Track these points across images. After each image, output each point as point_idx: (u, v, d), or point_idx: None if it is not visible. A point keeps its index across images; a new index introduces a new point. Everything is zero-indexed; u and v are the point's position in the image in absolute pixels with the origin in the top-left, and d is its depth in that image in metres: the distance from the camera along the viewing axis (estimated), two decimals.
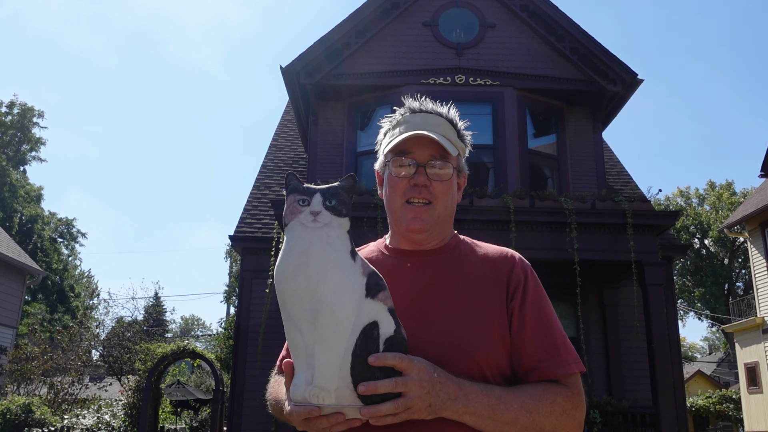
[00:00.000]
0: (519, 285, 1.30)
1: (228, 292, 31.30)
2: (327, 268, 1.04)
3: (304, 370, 1.06)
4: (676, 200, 39.80)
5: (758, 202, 17.61)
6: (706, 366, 37.54)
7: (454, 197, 1.41)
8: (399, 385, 1.06)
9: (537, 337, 1.27)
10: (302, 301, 1.04)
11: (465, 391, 1.13)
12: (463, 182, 1.47)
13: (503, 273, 1.32)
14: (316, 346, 1.04)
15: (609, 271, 8.73)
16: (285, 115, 13.69)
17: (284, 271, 1.06)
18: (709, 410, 22.14)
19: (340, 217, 1.08)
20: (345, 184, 1.14)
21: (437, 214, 1.36)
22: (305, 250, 1.05)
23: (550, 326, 1.29)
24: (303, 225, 1.07)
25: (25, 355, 14.47)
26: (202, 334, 45.94)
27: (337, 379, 1.04)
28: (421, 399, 1.07)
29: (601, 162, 10.07)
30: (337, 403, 1.04)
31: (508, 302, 1.29)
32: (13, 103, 34.63)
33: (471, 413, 1.13)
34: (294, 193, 1.11)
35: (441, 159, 1.35)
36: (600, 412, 7.40)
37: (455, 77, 9.68)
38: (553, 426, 1.20)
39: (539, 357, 1.26)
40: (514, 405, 1.16)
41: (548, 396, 1.21)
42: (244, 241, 9.24)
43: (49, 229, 35.80)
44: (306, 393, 1.05)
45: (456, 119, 1.43)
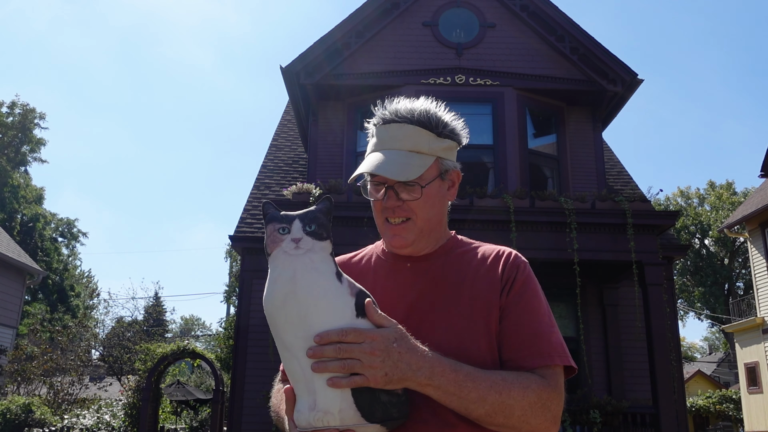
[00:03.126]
0: (509, 280, 1.29)
1: (228, 292, 31.25)
2: (315, 293, 1.05)
3: (305, 395, 1.07)
4: (676, 200, 39.81)
5: (758, 202, 17.61)
6: (706, 366, 37.55)
7: (437, 204, 1.35)
8: (343, 350, 1.05)
9: (517, 327, 1.26)
10: (296, 329, 1.05)
11: (430, 363, 1.11)
12: (455, 179, 1.40)
13: (497, 272, 1.31)
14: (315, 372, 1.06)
15: (609, 271, 8.73)
16: (285, 115, 13.69)
17: (273, 300, 1.07)
18: (709, 410, 22.14)
19: (322, 240, 1.08)
20: (322, 207, 1.14)
21: (418, 228, 1.33)
22: (291, 278, 1.05)
23: (534, 317, 1.27)
24: (286, 253, 1.07)
25: (25, 355, 14.48)
26: (202, 334, 45.95)
27: (339, 401, 1.04)
28: (373, 366, 1.06)
29: (601, 162, 10.07)
30: (342, 424, 1.05)
31: (500, 299, 1.29)
32: (14, 103, 34.62)
33: (435, 387, 1.11)
34: (273, 222, 1.11)
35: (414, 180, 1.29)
36: (600, 412, 7.41)
37: (455, 77, 9.68)
38: (523, 413, 1.16)
39: (517, 346, 1.24)
40: (483, 384, 1.14)
41: (522, 382, 1.18)
42: (245, 241, 9.24)
43: (49, 229, 35.81)
44: (310, 418, 1.05)
45: (433, 117, 1.33)
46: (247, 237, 9.28)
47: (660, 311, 7.75)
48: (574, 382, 8.60)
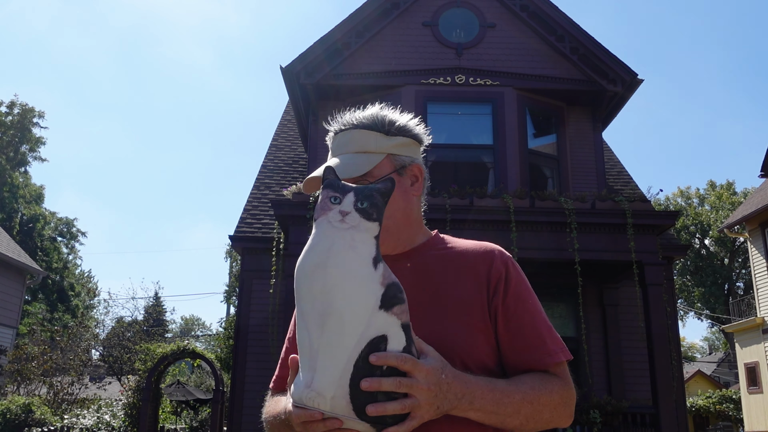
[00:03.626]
0: (500, 279, 1.29)
1: (228, 292, 31.28)
2: (344, 272, 1.01)
3: (306, 370, 1.05)
4: (676, 200, 39.80)
5: (758, 202, 17.61)
6: (706, 366, 37.55)
7: (398, 200, 1.31)
8: (403, 385, 1.03)
9: (523, 330, 1.28)
10: (315, 302, 1.03)
11: (471, 388, 1.12)
12: (416, 173, 1.37)
13: (483, 268, 1.30)
14: (321, 350, 1.02)
15: (609, 271, 8.73)
16: (285, 115, 13.69)
17: (303, 268, 1.05)
18: (709, 410, 22.15)
19: (369, 221, 1.04)
20: (382, 187, 1.09)
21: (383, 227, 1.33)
22: (326, 249, 1.02)
23: (535, 317, 1.30)
24: (330, 223, 1.04)
25: (25, 355, 14.48)
26: (202, 334, 45.96)
27: (335, 387, 1.01)
28: (429, 403, 1.05)
29: (601, 162, 10.07)
30: (331, 411, 1.02)
31: (490, 297, 1.28)
32: (13, 103, 34.60)
33: (476, 409, 1.13)
34: (328, 189, 1.08)
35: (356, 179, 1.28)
36: (600, 412, 7.41)
37: (455, 77, 9.68)
38: (551, 416, 1.24)
39: (527, 350, 1.27)
40: (517, 397, 1.17)
41: (547, 386, 1.23)
42: (245, 241, 9.24)
43: (49, 228, 35.80)
44: (303, 395, 1.04)
45: (379, 118, 1.34)
46: (247, 237, 9.28)
47: (660, 311, 7.75)
48: (574, 383, 8.59)
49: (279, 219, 8.13)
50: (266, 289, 8.70)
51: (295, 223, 7.68)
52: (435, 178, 9.47)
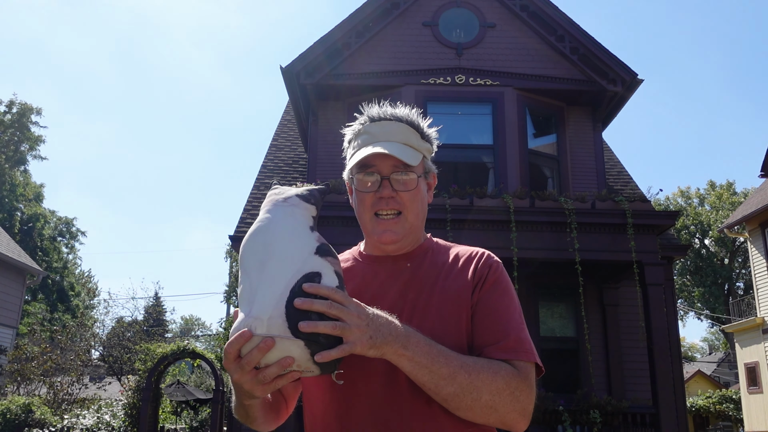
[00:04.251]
0: (481, 278, 1.33)
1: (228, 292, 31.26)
2: (283, 228, 1.13)
3: (245, 306, 1.10)
4: (676, 200, 39.80)
5: (758, 202, 17.61)
6: (706, 366, 37.55)
7: (423, 203, 1.41)
8: (334, 307, 1.07)
9: (487, 322, 1.29)
10: (257, 254, 1.12)
11: (407, 333, 1.15)
12: (432, 182, 1.46)
13: (470, 270, 1.35)
14: (260, 286, 1.08)
15: (609, 271, 8.72)
16: (285, 115, 13.69)
17: (247, 235, 1.15)
18: (709, 410, 22.14)
19: (308, 203, 1.17)
20: (319, 188, 1.24)
21: (409, 223, 1.37)
22: (268, 219, 1.15)
23: (503, 314, 1.30)
24: (273, 203, 1.17)
25: (25, 355, 14.48)
26: (202, 334, 45.96)
27: (272, 308, 1.05)
28: (360, 329, 1.09)
29: (601, 162, 10.07)
30: (267, 332, 1.05)
31: (472, 295, 1.32)
32: (12, 102, 34.59)
33: (409, 357, 1.14)
34: (272, 189, 1.24)
35: (404, 168, 1.35)
36: (600, 412, 7.40)
37: (455, 77, 9.68)
38: (491, 397, 1.19)
39: (487, 339, 1.27)
40: (455, 362, 1.17)
41: (492, 367, 1.21)
42: None
43: (49, 228, 35.80)
44: (240, 324, 1.07)
45: (418, 121, 1.40)
46: None
47: (660, 311, 7.75)
48: (574, 382, 8.59)
49: None
50: None
51: None
52: None
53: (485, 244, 7.89)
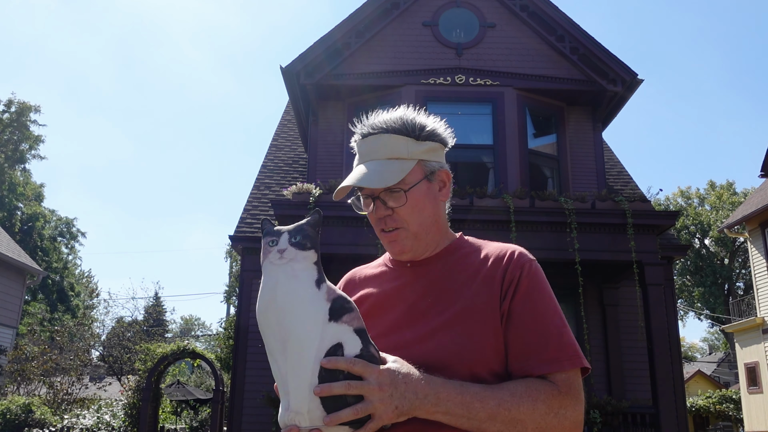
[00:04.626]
0: (512, 282, 1.25)
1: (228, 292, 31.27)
2: (291, 300, 1.10)
3: (284, 396, 1.12)
4: (677, 200, 39.79)
5: (758, 202, 17.61)
6: (706, 366, 37.56)
7: (428, 207, 1.34)
8: (353, 387, 1.05)
9: (524, 334, 1.22)
10: (275, 334, 1.11)
11: (435, 389, 1.11)
12: (445, 177, 1.37)
13: (498, 272, 1.27)
14: (288, 374, 1.09)
15: (609, 271, 8.73)
16: (285, 115, 13.69)
17: (258, 309, 1.14)
18: (709, 410, 22.13)
19: (305, 250, 1.14)
20: (311, 219, 1.20)
21: (412, 234, 1.33)
22: (273, 287, 1.12)
23: (540, 320, 1.22)
24: (272, 263, 1.13)
25: (25, 355, 14.48)
26: (202, 334, 45.95)
27: (308, 401, 1.07)
28: (384, 402, 1.06)
29: (601, 162, 10.07)
30: (311, 425, 1.07)
31: (502, 302, 1.24)
32: (11, 101, 34.57)
33: (443, 412, 1.11)
34: (266, 237, 1.18)
35: (396, 187, 1.30)
36: (600, 412, 7.40)
37: (455, 77, 9.68)
38: (536, 425, 1.14)
39: (524, 354, 1.21)
40: (492, 402, 1.12)
41: (531, 393, 1.15)
42: (245, 241, 9.24)
43: (49, 228, 35.79)
44: (285, 419, 1.10)
45: (412, 122, 1.33)
46: (247, 237, 9.28)
47: (660, 311, 7.75)
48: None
49: (279, 219, 8.13)
50: None
51: (295, 223, 7.66)
52: None
53: None
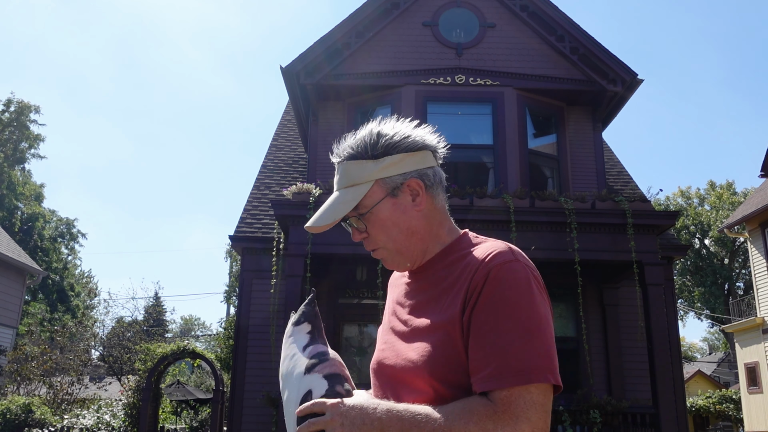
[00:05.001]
0: (475, 290, 1.18)
1: (228, 292, 31.28)
2: (283, 370, 1.39)
3: None
4: (677, 200, 39.79)
5: (758, 202, 17.62)
6: (706, 366, 37.55)
7: (400, 222, 1.31)
8: (313, 424, 1.20)
9: (475, 347, 1.16)
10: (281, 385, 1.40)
11: (380, 417, 1.16)
12: (416, 185, 1.32)
13: (467, 279, 1.21)
14: (286, 414, 1.34)
15: (609, 271, 8.72)
16: (285, 115, 13.69)
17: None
18: (709, 410, 22.13)
19: (299, 325, 1.42)
20: (307, 301, 1.47)
21: (393, 251, 1.34)
22: (283, 355, 1.42)
23: (493, 332, 1.14)
24: (285, 341, 1.45)
25: (25, 355, 14.48)
26: (202, 334, 45.95)
27: None
28: (336, 430, 1.18)
29: (601, 162, 10.07)
30: None
31: (463, 313, 1.19)
32: (10, 101, 34.55)
33: None
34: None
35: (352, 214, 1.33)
36: (600, 412, 7.40)
37: (455, 77, 9.68)
38: None
39: (472, 369, 1.16)
40: (428, 427, 1.11)
41: (464, 415, 1.10)
42: (245, 241, 9.24)
43: (49, 228, 35.78)
44: None
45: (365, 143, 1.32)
46: (247, 237, 9.28)
47: (660, 311, 7.75)
48: (574, 382, 8.59)
49: (279, 219, 8.13)
50: (266, 289, 8.69)
51: (295, 223, 7.68)
52: None
53: None
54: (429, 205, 1.34)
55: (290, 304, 7.63)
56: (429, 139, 1.36)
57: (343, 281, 9.13)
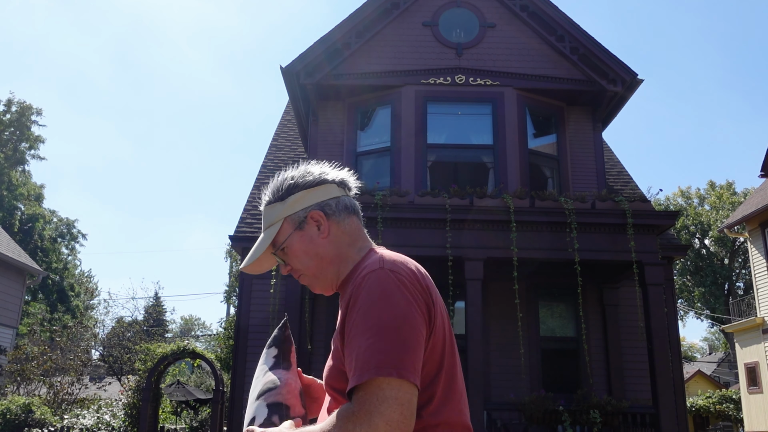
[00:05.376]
0: (348, 305, 1.29)
1: (228, 292, 31.31)
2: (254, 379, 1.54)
3: None
4: (677, 200, 39.80)
5: (758, 202, 17.62)
6: (706, 366, 37.56)
7: (310, 251, 1.45)
8: None
9: (345, 357, 1.26)
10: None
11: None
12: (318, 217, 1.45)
13: (348, 295, 1.31)
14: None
15: (609, 271, 8.72)
16: (285, 115, 13.69)
17: None
18: (709, 410, 22.13)
19: (269, 349, 1.58)
20: (279, 326, 1.64)
21: (312, 276, 1.48)
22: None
23: (351, 340, 1.23)
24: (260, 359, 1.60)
25: (25, 355, 14.48)
26: (202, 334, 45.96)
27: None
28: None
29: (601, 162, 10.07)
30: None
31: (344, 327, 1.29)
32: (11, 101, 34.53)
33: None
34: None
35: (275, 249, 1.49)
36: (600, 412, 7.40)
37: (455, 77, 9.68)
38: None
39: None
40: None
41: (331, 422, 1.18)
42: (245, 241, 9.24)
43: (49, 229, 35.78)
44: None
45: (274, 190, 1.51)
46: (247, 237, 9.28)
47: (660, 311, 7.75)
48: (574, 382, 8.60)
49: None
50: (266, 289, 8.70)
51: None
52: (435, 178, 9.47)
53: (485, 244, 7.91)
54: (335, 231, 1.46)
55: (290, 304, 7.64)
56: (329, 175, 1.52)
57: None
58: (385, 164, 9.56)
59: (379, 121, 10.00)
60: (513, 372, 8.53)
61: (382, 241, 7.50)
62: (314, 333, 8.55)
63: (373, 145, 9.89)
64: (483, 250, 7.74)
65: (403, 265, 1.31)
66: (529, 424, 7.43)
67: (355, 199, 1.53)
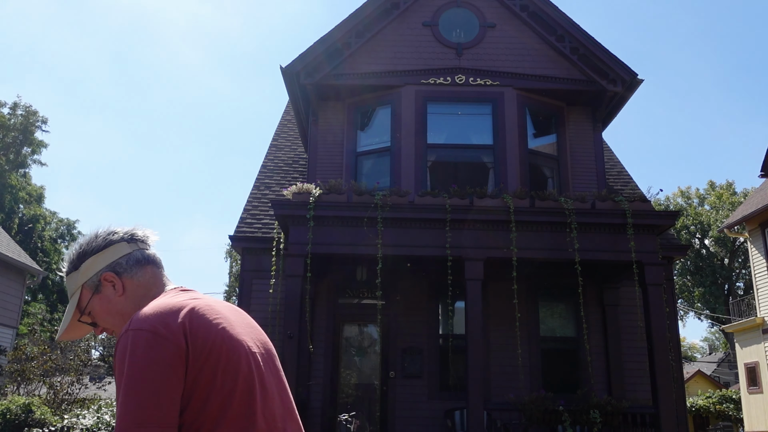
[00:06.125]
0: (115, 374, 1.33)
1: (228, 292, 31.30)
2: None
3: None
4: (677, 200, 39.81)
5: (758, 202, 17.62)
6: (706, 366, 37.57)
7: (111, 308, 1.53)
8: None
9: None
10: None
11: None
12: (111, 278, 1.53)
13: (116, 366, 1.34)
14: None
15: (609, 271, 8.72)
16: (285, 115, 13.69)
17: None
18: (709, 410, 22.12)
19: None
20: None
21: (118, 332, 1.52)
22: None
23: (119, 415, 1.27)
24: None
25: (25, 355, 14.47)
26: None
27: None
28: None
29: (601, 162, 10.07)
30: None
31: None
32: (16, 104, 34.51)
33: None
34: None
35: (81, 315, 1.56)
36: (600, 412, 7.40)
37: (455, 77, 9.68)
38: None
39: None
40: None
41: None
42: (244, 241, 9.24)
43: (50, 229, 35.78)
44: None
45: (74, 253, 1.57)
46: (247, 237, 9.27)
47: (660, 311, 7.75)
48: (574, 382, 8.59)
49: (279, 219, 8.13)
50: (266, 289, 8.69)
51: (295, 223, 7.67)
52: (435, 178, 9.47)
53: (485, 244, 7.91)
54: (131, 286, 1.54)
55: (290, 304, 7.63)
56: (116, 234, 1.59)
57: (343, 281, 9.13)
58: (385, 164, 9.56)
59: (379, 121, 10.00)
60: (513, 372, 8.53)
61: (382, 241, 7.51)
62: (314, 333, 8.55)
63: (373, 145, 9.89)
64: (483, 250, 7.74)
65: (156, 321, 1.31)
66: (529, 424, 7.42)
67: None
